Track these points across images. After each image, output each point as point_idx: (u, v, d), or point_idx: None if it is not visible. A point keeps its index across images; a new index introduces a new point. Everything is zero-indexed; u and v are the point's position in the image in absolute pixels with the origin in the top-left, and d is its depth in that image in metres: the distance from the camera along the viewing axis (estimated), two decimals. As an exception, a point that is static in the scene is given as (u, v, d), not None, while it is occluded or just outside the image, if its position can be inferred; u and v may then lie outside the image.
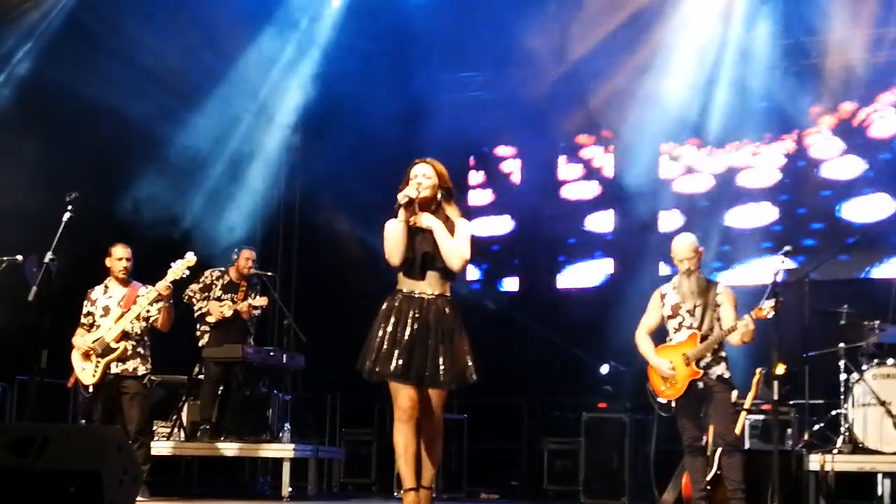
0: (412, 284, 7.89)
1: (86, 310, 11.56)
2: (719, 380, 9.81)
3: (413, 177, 7.97)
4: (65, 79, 13.99)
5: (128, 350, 11.34)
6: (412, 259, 7.87)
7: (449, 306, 7.89)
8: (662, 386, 9.96)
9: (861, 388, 11.21)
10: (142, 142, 14.89)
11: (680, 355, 9.83)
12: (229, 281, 13.44)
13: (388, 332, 7.79)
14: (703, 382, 9.80)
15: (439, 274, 7.89)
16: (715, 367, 9.82)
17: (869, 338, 11.57)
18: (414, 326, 7.76)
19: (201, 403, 13.40)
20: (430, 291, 7.87)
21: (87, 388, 11.36)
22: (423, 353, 7.74)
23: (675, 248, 10.05)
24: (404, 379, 7.74)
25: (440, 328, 7.79)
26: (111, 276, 11.57)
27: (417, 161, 8.08)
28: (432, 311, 7.81)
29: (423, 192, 7.91)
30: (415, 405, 7.77)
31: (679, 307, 10.00)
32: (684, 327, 9.95)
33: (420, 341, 7.75)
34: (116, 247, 11.58)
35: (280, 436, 13.23)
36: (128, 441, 7.22)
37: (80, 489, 6.47)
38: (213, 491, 13.67)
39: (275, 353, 13.84)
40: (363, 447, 15.79)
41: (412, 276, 7.90)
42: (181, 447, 13.32)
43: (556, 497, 14.59)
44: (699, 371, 9.76)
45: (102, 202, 13.70)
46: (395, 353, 7.73)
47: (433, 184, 7.97)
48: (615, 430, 14.21)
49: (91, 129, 14.26)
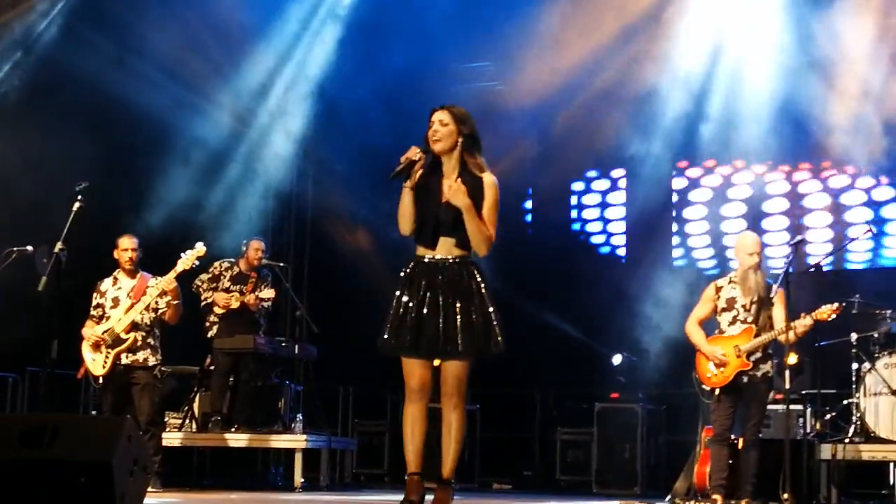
0: (425, 251, 7.19)
1: (95, 301, 11.57)
2: (764, 377, 10.03)
3: (430, 125, 7.19)
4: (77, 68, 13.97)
5: (138, 341, 11.35)
6: (423, 225, 7.17)
7: (466, 270, 7.14)
8: (709, 373, 10.10)
9: (873, 378, 11.20)
10: (154, 133, 14.87)
11: (732, 347, 10.01)
12: (238, 272, 13.43)
13: (401, 302, 7.11)
14: (748, 377, 9.96)
15: (454, 239, 7.14)
16: (762, 365, 10.02)
17: (881, 327, 11.55)
18: (426, 294, 7.07)
19: (212, 394, 13.41)
20: (445, 256, 7.14)
21: (98, 378, 11.38)
22: (435, 323, 7.02)
23: (743, 242, 10.20)
24: (414, 352, 7.09)
25: (456, 294, 7.04)
26: (119, 267, 11.58)
27: (435, 109, 7.26)
28: (447, 276, 7.10)
29: (437, 144, 7.13)
30: (424, 385, 7.15)
31: (735, 301, 10.17)
32: (738, 321, 10.12)
33: (432, 310, 7.04)
34: (123, 238, 11.59)
35: (292, 426, 13.24)
36: (138, 431, 7.21)
37: (91, 480, 6.47)
38: (225, 482, 13.66)
39: (287, 344, 13.86)
40: (376, 438, 15.82)
41: (424, 242, 7.18)
42: (193, 438, 13.34)
43: (569, 487, 14.61)
44: (749, 364, 9.92)
45: (113, 193, 13.67)
46: (406, 324, 7.05)
47: (450, 130, 7.15)
48: (627, 420, 14.25)
49: (103, 120, 14.24)
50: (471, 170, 7.17)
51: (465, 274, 7.11)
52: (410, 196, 7.09)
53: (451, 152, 7.17)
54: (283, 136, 16.60)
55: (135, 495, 6.76)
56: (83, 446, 6.62)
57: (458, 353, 7.00)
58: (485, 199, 7.14)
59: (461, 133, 7.15)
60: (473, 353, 7.05)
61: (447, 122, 7.13)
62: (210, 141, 15.52)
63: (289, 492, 12.63)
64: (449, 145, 7.15)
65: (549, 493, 13.98)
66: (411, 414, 7.16)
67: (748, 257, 10.08)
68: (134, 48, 14.62)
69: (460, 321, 6.99)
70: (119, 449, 6.56)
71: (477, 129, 7.26)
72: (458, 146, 7.16)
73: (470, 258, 7.16)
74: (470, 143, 7.18)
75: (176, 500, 10.06)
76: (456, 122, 7.14)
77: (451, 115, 7.15)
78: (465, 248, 7.14)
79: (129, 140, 14.81)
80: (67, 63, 14.06)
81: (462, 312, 7.01)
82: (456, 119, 7.15)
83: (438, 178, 7.19)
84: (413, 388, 7.15)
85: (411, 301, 7.07)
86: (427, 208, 7.15)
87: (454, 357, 7.04)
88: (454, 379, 7.09)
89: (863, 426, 11.18)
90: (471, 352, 7.02)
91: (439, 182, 7.18)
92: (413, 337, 7.02)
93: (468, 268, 7.14)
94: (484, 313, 7.05)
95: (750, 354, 9.93)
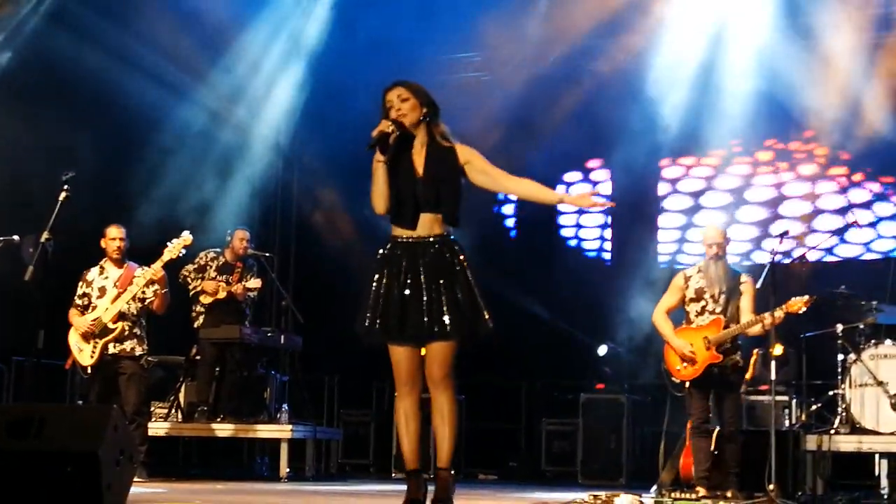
0: (402, 230, 6.88)
1: (80, 290, 11.55)
2: (734, 367, 10.05)
3: (389, 105, 6.92)
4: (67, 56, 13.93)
5: (125, 330, 11.34)
6: (400, 204, 6.88)
7: (448, 249, 6.84)
8: (679, 366, 10.10)
9: (858, 369, 11.20)
10: (140, 123, 14.83)
11: (701, 338, 10.00)
12: (224, 262, 13.42)
13: (382, 286, 6.81)
14: (718, 368, 9.96)
15: (434, 216, 6.85)
16: (732, 355, 10.04)
17: (866, 318, 11.55)
18: (407, 276, 6.76)
19: (198, 385, 13.41)
20: (424, 235, 6.83)
21: (86, 368, 11.37)
22: (419, 305, 6.70)
23: (705, 232, 10.22)
24: (399, 338, 6.80)
25: (439, 274, 6.74)
26: (106, 256, 11.56)
27: (388, 87, 7.00)
28: (428, 255, 6.79)
29: (403, 118, 6.86)
30: (413, 376, 6.87)
31: (703, 291, 10.17)
32: (707, 312, 10.12)
33: (415, 292, 6.72)
34: (110, 227, 11.58)
35: (278, 417, 13.25)
36: (125, 421, 7.21)
37: (77, 469, 6.46)
38: (211, 472, 13.67)
39: (272, 334, 13.85)
40: (361, 428, 15.82)
41: (402, 222, 6.88)
42: (179, 428, 13.34)
43: (554, 478, 14.62)
44: (719, 356, 9.91)
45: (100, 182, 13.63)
46: (389, 309, 6.75)
47: (413, 104, 6.89)
48: (613, 410, 14.27)
49: (90, 108, 14.21)
50: (439, 142, 6.98)
51: (448, 253, 6.84)
52: (384, 171, 6.83)
53: (419, 125, 6.94)
54: (268, 126, 16.58)
55: (121, 485, 6.75)
56: (70, 436, 6.62)
57: (447, 333, 6.68)
58: (473, 160, 6.97)
59: (422, 104, 6.95)
60: (462, 334, 6.75)
61: (406, 96, 6.90)
62: (196, 131, 15.48)
63: (274, 482, 12.65)
64: (415, 119, 6.91)
65: (534, 483, 13.99)
66: (403, 409, 6.92)
67: (708, 248, 10.13)
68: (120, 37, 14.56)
69: (446, 301, 6.69)
70: (106, 439, 6.56)
71: (432, 97, 7.02)
72: (422, 119, 6.95)
73: (450, 236, 6.91)
74: (433, 112, 6.98)
75: (162, 489, 10.06)
76: (414, 94, 6.92)
77: (409, 90, 6.93)
78: (445, 226, 6.90)
79: (113, 130, 14.75)
80: (53, 51, 14.02)
81: (447, 292, 6.71)
82: (413, 92, 6.93)
83: (409, 153, 6.96)
84: (402, 379, 6.90)
85: (392, 284, 6.78)
86: (402, 186, 6.88)
87: (442, 338, 6.72)
88: (441, 361, 6.78)
89: (848, 417, 11.19)
90: (459, 332, 6.72)
91: (410, 157, 6.94)
92: (397, 322, 6.73)
93: (450, 246, 6.87)
94: (469, 292, 6.76)
95: (720, 346, 9.93)
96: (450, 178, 6.95)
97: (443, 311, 6.68)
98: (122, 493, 6.76)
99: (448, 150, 6.97)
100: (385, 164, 6.82)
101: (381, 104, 6.95)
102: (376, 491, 11.52)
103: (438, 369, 6.79)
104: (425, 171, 6.90)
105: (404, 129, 6.88)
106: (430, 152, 6.95)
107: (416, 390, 6.90)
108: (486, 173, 6.99)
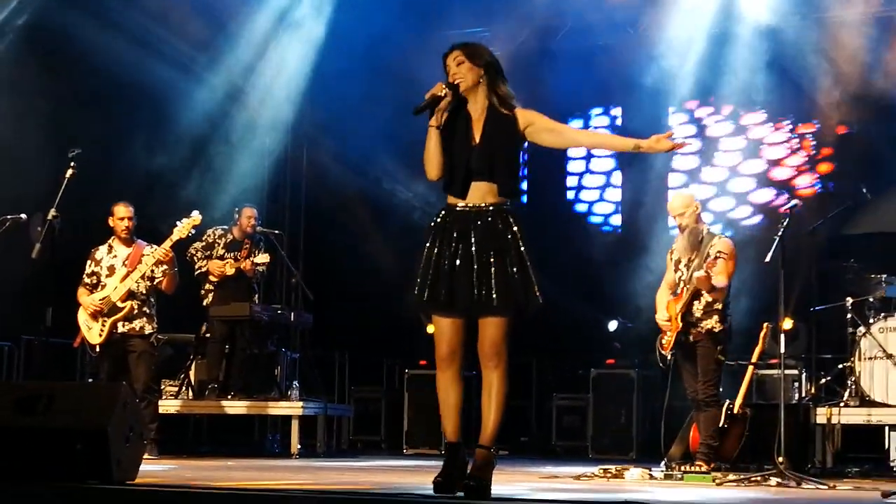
0: (456, 199, 6.66)
1: (89, 269, 11.54)
2: (707, 334, 9.95)
3: (448, 70, 6.73)
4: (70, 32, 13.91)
5: (134, 309, 11.34)
6: (452, 171, 6.67)
7: (501, 219, 6.60)
8: (664, 339, 10.17)
9: (868, 342, 11.22)
10: (147, 99, 14.82)
11: (675, 309, 10.02)
12: (232, 239, 13.41)
13: (433, 255, 6.59)
14: (691, 335, 9.96)
15: (488, 185, 6.64)
16: (706, 321, 9.96)
17: (875, 291, 11.55)
18: (458, 245, 6.55)
19: (208, 362, 13.43)
20: (477, 204, 6.62)
21: (94, 347, 11.39)
22: (469, 277, 6.48)
23: (670, 203, 10.21)
24: (447, 309, 6.56)
25: (491, 245, 6.51)
26: (115, 235, 11.56)
27: (447, 52, 6.81)
28: (480, 225, 6.56)
29: (461, 84, 6.65)
30: (454, 350, 6.60)
31: (679, 262, 10.20)
32: (682, 282, 10.11)
33: (465, 263, 6.51)
34: (118, 206, 11.53)
35: (289, 394, 13.26)
36: (134, 399, 7.23)
37: (87, 446, 6.50)
38: (222, 449, 13.69)
39: (282, 311, 13.88)
40: (372, 405, 15.84)
41: (454, 190, 6.66)
42: (189, 405, 13.37)
43: (565, 453, 14.63)
44: (679, 325, 9.91)
45: (108, 159, 13.65)
46: (440, 279, 6.53)
47: (468, 67, 6.67)
48: (623, 385, 14.29)
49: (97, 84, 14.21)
50: (498, 109, 6.72)
51: (501, 223, 6.60)
52: (437, 136, 6.64)
53: (476, 88, 6.72)
54: (277, 101, 16.54)
55: (131, 462, 6.79)
56: (79, 413, 6.66)
57: (494, 308, 6.47)
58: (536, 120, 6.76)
59: (479, 65, 6.71)
60: (511, 309, 6.53)
61: (461, 59, 6.68)
62: (205, 107, 15.45)
63: (286, 458, 12.67)
64: (472, 81, 6.69)
65: (545, 458, 14.00)
66: (443, 382, 6.66)
67: (675, 218, 10.12)
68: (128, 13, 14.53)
69: (495, 274, 6.47)
70: (115, 416, 6.59)
71: (496, 59, 6.83)
72: (481, 81, 6.72)
73: (507, 206, 6.67)
74: (492, 73, 6.74)
75: (173, 466, 10.08)
76: (470, 57, 6.69)
77: (464, 52, 6.70)
78: (501, 196, 6.66)
79: (121, 106, 14.75)
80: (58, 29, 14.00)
81: (497, 265, 6.49)
82: (469, 54, 6.70)
83: (466, 119, 6.74)
84: (442, 354, 6.64)
85: (443, 254, 6.57)
86: (456, 153, 6.67)
87: (490, 313, 6.50)
88: (492, 336, 6.54)
89: (858, 390, 11.21)
90: (508, 307, 6.51)
91: (467, 124, 6.72)
92: (447, 293, 6.52)
93: (504, 217, 6.62)
94: (521, 266, 6.54)
95: (685, 315, 9.92)
96: (507, 146, 6.74)
97: (492, 285, 6.47)
98: (131, 470, 6.79)
99: (507, 116, 6.73)
100: (438, 129, 6.65)
101: (443, 69, 6.77)
102: (387, 467, 11.54)
103: (489, 346, 6.57)
104: (482, 139, 6.70)
105: (459, 93, 6.69)
106: (489, 119, 6.72)
107: (455, 364, 6.65)
108: (552, 130, 6.83)
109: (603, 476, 9.55)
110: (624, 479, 9.46)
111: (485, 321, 6.56)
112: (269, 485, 7.65)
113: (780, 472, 8.95)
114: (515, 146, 6.79)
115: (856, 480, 9.99)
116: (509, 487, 7.72)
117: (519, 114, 6.75)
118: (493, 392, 6.60)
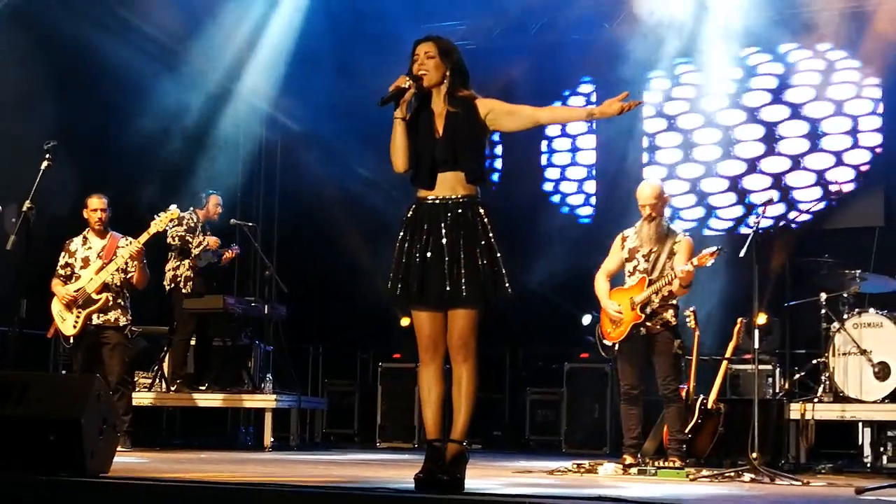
0: (425, 192, 6.66)
1: (63, 261, 11.52)
2: (664, 327, 9.88)
3: (415, 58, 6.70)
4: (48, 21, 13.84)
5: (109, 301, 11.33)
6: (418, 164, 6.68)
7: (472, 211, 6.60)
8: (609, 328, 10.03)
9: (842, 338, 11.23)
10: (121, 91, 14.76)
11: (628, 299, 9.90)
12: (198, 220, 13.41)
13: (404, 249, 6.60)
14: (646, 328, 9.87)
15: (454, 174, 6.64)
16: (663, 313, 9.89)
17: (850, 287, 11.58)
18: (429, 238, 6.54)
19: (174, 351, 13.37)
20: (447, 196, 6.61)
21: (68, 338, 11.36)
22: (439, 269, 6.48)
23: (638, 192, 10.11)
24: (420, 302, 6.58)
25: (461, 237, 6.51)
26: (89, 227, 11.52)
27: (420, 39, 6.79)
28: (450, 218, 6.56)
29: (424, 73, 6.65)
30: (435, 342, 6.61)
31: (636, 251, 10.06)
32: (637, 271, 10.01)
33: (436, 255, 6.50)
34: (92, 198, 11.53)
35: (262, 386, 13.23)
36: (108, 390, 7.21)
37: (60, 437, 6.47)
38: (195, 441, 13.69)
39: (256, 304, 13.85)
40: (345, 398, 15.84)
41: (422, 182, 6.66)
42: (163, 398, 13.33)
43: (538, 447, 14.63)
44: (641, 316, 9.81)
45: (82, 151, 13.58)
46: (411, 272, 6.54)
47: (436, 63, 6.66)
48: (597, 380, 14.30)
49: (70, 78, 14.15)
50: (459, 104, 6.70)
51: (471, 214, 6.59)
52: (402, 127, 6.65)
53: (439, 86, 6.72)
54: (251, 94, 16.50)
55: (104, 454, 6.76)
56: (52, 404, 6.64)
57: (463, 300, 6.46)
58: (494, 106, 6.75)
59: (447, 66, 6.71)
60: (479, 301, 6.52)
61: (433, 54, 6.67)
62: (178, 98, 15.40)
63: (258, 451, 12.64)
64: (436, 79, 6.69)
65: (518, 452, 14.00)
66: (425, 378, 6.69)
67: (642, 209, 10.02)
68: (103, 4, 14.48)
69: (465, 266, 6.46)
70: (88, 407, 6.57)
71: (464, 62, 6.82)
72: (445, 80, 6.72)
73: (477, 198, 6.65)
74: (457, 78, 6.74)
75: (145, 459, 10.04)
76: (441, 54, 6.68)
77: (437, 47, 6.70)
78: (469, 183, 6.64)
79: (95, 98, 14.69)
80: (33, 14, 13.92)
81: (467, 257, 6.48)
82: (441, 51, 6.69)
83: (429, 113, 6.74)
84: (423, 345, 6.65)
85: (414, 247, 6.58)
86: (421, 146, 6.68)
87: (458, 305, 6.50)
88: (460, 329, 6.53)
89: (832, 386, 11.23)
90: (477, 299, 6.50)
91: (430, 117, 6.72)
92: (418, 286, 6.52)
93: (474, 208, 6.61)
94: (490, 258, 6.53)
95: (645, 306, 9.83)
96: (471, 135, 6.71)
97: (461, 277, 6.46)
98: (105, 461, 6.76)
99: (468, 106, 6.71)
100: (402, 120, 6.66)
101: (410, 54, 6.76)
102: (360, 460, 11.52)
103: (457, 338, 6.56)
104: (445, 130, 6.69)
105: (422, 86, 6.69)
106: (451, 111, 6.70)
107: (437, 358, 6.67)
108: (510, 113, 6.78)
109: (577, 471, 9.54)
110: (597, 474, 9.46)
111: (454, 313, 6.56)
112: (241, 478, 7.62)
113: (753, 467, 8.96)
114: (479, 135, 6.76)
115: (829, 476, 10.01)
116: (482, 482, 7.68)
117: (479, 103, 6.75)
118: (462, 386, 6.61)
